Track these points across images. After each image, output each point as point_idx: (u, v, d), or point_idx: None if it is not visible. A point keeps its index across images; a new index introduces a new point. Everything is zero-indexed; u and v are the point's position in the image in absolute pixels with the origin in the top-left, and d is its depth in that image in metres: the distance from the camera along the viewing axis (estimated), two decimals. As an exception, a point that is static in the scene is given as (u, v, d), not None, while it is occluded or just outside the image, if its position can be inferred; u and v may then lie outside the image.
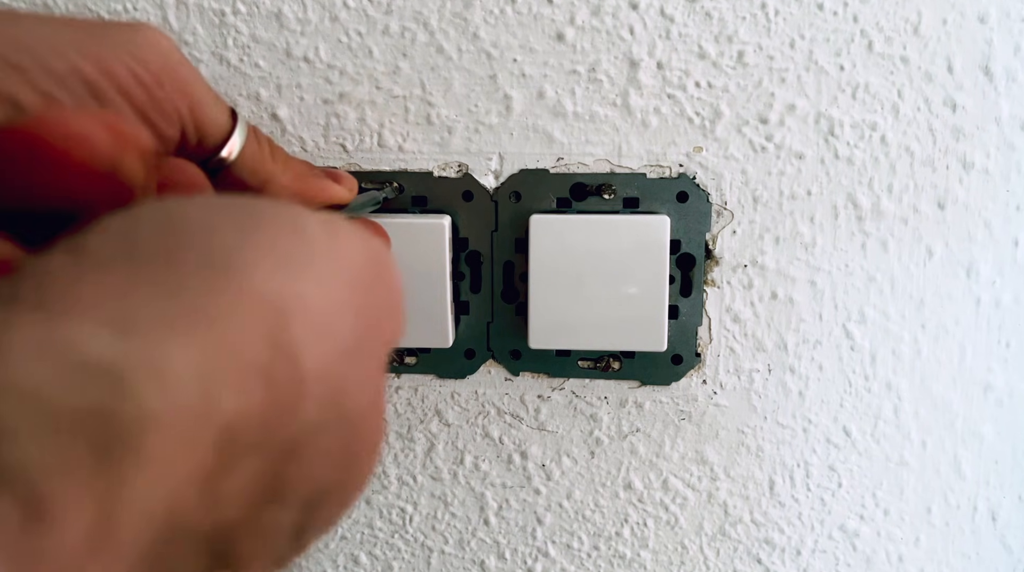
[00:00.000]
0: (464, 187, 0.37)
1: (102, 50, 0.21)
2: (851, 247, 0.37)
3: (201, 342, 0.13)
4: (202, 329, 0.13)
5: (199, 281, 0.14)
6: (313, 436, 0.15)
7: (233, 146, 0.26)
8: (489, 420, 0.40)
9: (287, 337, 0.15)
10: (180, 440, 0.12)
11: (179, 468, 0.13)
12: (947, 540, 0.41)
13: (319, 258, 0.16)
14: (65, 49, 0.21)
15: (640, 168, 0.36)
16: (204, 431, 0.13)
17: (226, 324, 0.14)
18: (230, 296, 0.14)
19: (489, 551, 0.43)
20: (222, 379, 0.13)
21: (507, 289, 0.38)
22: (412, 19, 0.35)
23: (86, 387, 0.12)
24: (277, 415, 0.14)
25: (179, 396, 0.12)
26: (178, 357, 0.13)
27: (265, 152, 0.27)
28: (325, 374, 0.15)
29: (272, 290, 0.15)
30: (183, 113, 0.24)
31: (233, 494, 0.14)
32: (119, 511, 0.12)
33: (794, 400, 0.39)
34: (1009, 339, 0.38)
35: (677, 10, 0.34)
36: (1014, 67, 0.34)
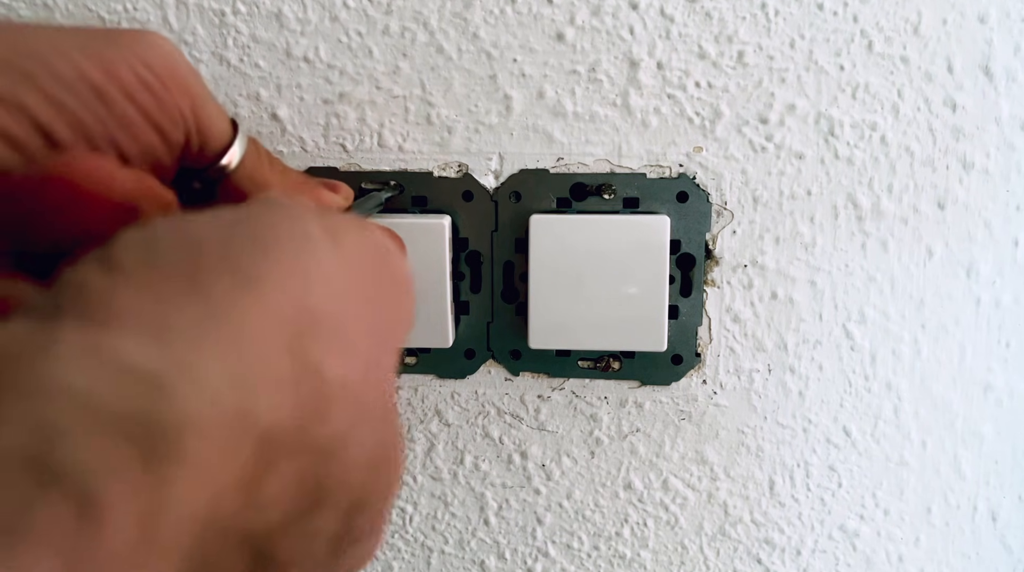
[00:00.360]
0: (464, 187, 0.37)
1: (108, 54, 0.22)
2: (851, 247, 0.37)
3: (232, 352, 0.14)
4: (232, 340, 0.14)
5: (224, 296, 0.15)
6: (344, 442, 0.16)
7: (234, 154, 0.26)
8: (489, 420, 0.40)
9: (308, 352, 0.15)
10: (220, 444, 0.13)
11: (220, 471, 0.13)
12: (947, 540, 0.41)
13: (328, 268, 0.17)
14: (71, 54, 0.21)
15: (640, 168, 0.36)
16: (243, 436, 0.13)
17: (252, 336, 0.14)
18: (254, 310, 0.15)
19: (489, 551, 0.43)
20: (255, 387, 0.14)
21: (507, 289, 0.38)
22: (412, 19, 0.35)
23: (131, 391, 0.12)
24: (308, 422, 0.15)
25: (217, 401, 0.13)
26: (214, 365, 0.13)
27: (264, 162, 0.28)
28: (346, 383, 0.16)
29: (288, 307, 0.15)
30: (187, 117, 0.24)
31: (274, 498, 0.14)
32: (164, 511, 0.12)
33: (794, 400, 0.39)
34: (1009, 339, 0.38)
35: (677, 10, 0.34)
36: (1014, 67, 0.34)
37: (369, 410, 0.17)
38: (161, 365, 0.13)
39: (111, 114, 0.22)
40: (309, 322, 0.16)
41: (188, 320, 0.14)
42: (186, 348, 0.13)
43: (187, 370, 0.13)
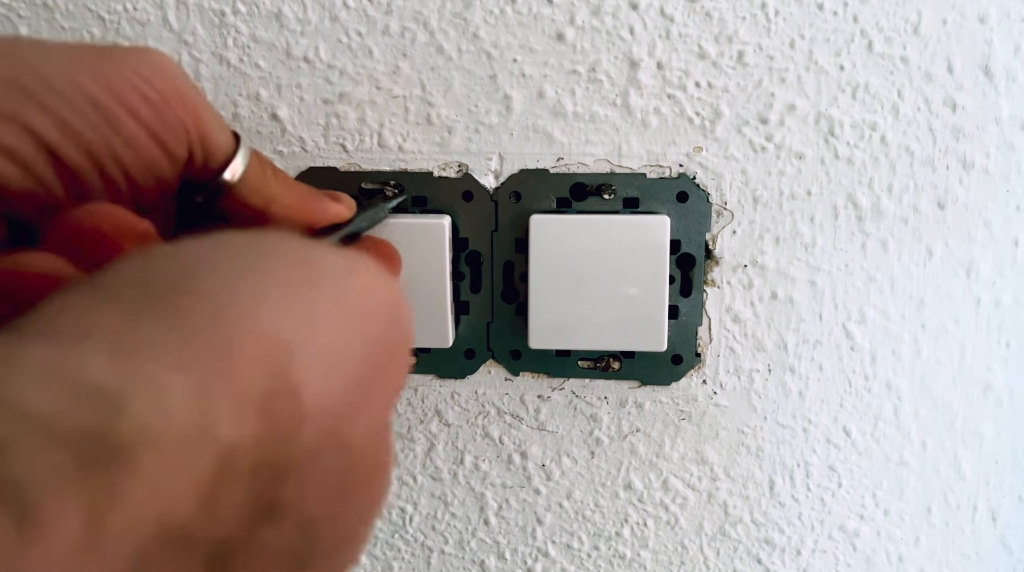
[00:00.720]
0: (464, 187, 0.37)
1: (110, 72, 0.22)
2: (851, 247, 0.37)
3: (200, 371, 0.14)
4: (202, 359, 0.14)
5: (202, 313, 0.15)
6: (308, 462, 0.16)
7: (236, 168, 0.26)
8: (489, 420, 0.40)
9: (289, 371, 0.15)
10: (176, 458, 0.13)
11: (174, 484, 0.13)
12: (947, 540, 0.41)
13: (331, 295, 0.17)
14: (74, 72, 0.21)
15: (640, 168, 0.36)
16: (201, 450, 0.14)
17: (226, 355, 0.14)
18: (232, 328, 0.15)
19: (489, 551, 0.43)
20: (220, 406, 0.14)
21: (507, 289, 0.38)
22: (412, 19, 0.35)
23: (84, 407, 0.13)
24: (274, 442, 0.15)
25: (175, 419, 0.13)
26: (176, 384, 0.14)
27: (268, 174, 0.28)
28: (325, 409, 0.16)
29: (277, 324, 0.15)
30: (191, 132, 0.24)
31: (230, 510, 0.15)
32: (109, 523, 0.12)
33: (794, 400, 0.39)
34: (1009, 339, 0.38)
35: (677, 10, 0.34)
36: (1014, 67, 0.34)
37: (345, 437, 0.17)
38: (118, 381, 0.13)
39: (114, 131, 0.22)
40: (296, 346, 0.15)
41: (158, 339, 0.14)
42: (149, 364, 0.13)
43: (146, 385, 0.13)
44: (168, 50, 0.36)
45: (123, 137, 0.22)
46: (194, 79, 0.37)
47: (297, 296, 0.16)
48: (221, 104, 0.37)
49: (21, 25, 0.37)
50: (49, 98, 0.21)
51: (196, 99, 0.24)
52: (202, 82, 0.37)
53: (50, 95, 0.21)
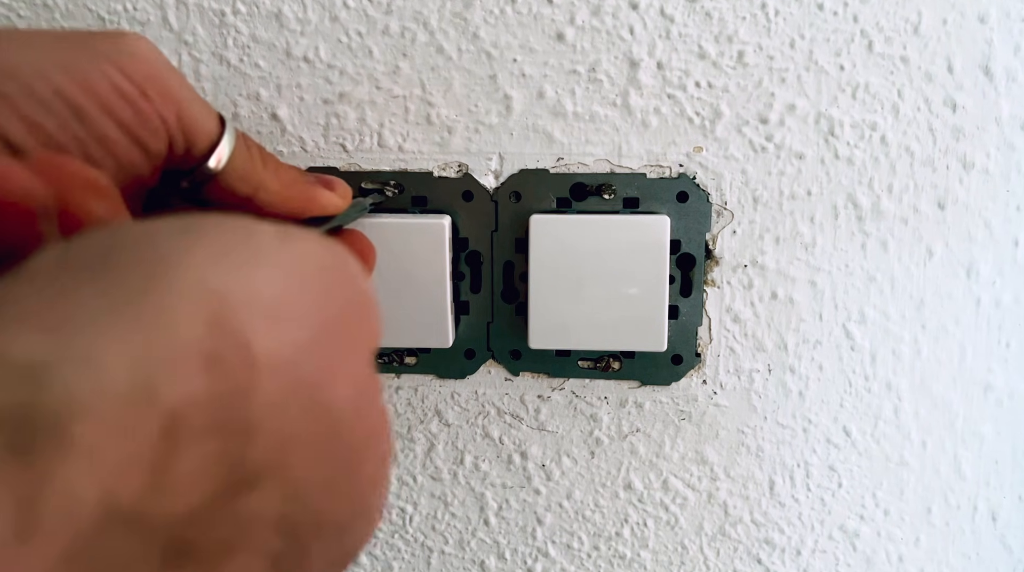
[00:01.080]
0: (464, 187, 0.37)
1: (84, 64, 0.21)
2: (851, 247, 0.37)
3: (134, 332, 0.13)
4: (135, 320, 0.13)
5: (134, 279, 0.14)
6: (276, 419, 0.15)
7: (222, 154, 0.25)
8: (489, 420, 0.40)
9: (233, 322, 0.14)
10: (114, 427, 0.12)
11: (115, 454, 0.12)
12: (947, 540, 0.41)
13: (267, 257, 0.16)
14: (48, 71, 0.20)
15: (640, 168, 0.36)
16: (142, 416, 0.13)
17: (161, 313, 0.14)
18: (166, 287, 0.14)
19: (489, 551, 0.43)
20: (159, 366, 0.13)
21: (507, 289, 0.38)
22: (412, 19, 0.35)
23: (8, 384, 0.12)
24: (228, 399, 0.14)
25: (110, 384, 0.12)
26: (108, 348, 0.13)
27: (255, 159, 0.27)
28: (284, 360, 0.15)
29: (213, 279, 0.15)
30: (170, 123, 0.23)
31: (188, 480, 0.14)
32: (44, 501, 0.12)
33: (794, 400, 0.39)
34: (1009, 339, 0.38)
35: (677, 10, 0.34)
36: (1014, 67, 0.34)
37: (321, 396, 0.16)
38: (44, 354, 0.12)
39: (89, 132, 0.21)
40: (239, 299, 0.15)
41: (87, 308, 0.13)
42: (79, 336, 0.13)
43: (75, 356, 0.12)
44: (168, 50, 0.36)
45: (98, 139, 0.21)
46: (175, 63, 0.37)
47: (236, 255, 0.15)
48: (221, 104, 0.37)
49: (21, 25, 0.37)
50: (20, 99, 0.20)
51: (175, 86, 0.23)
52: (202, 82, 0.37)
53: (22, 96, 0.20)
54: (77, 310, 0.13)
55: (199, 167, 0.25)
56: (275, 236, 0.17)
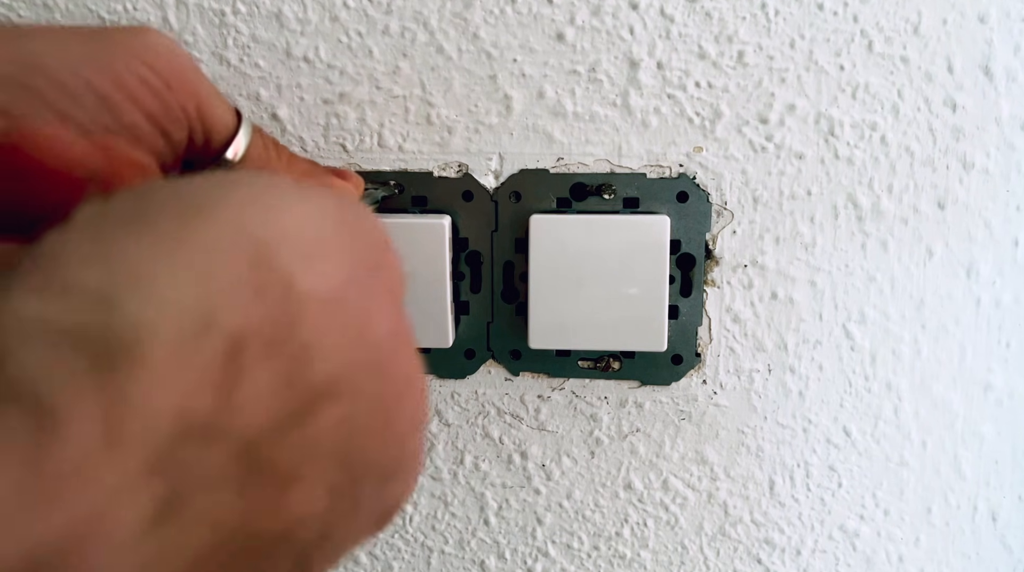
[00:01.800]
0: (464, 187, 0.37)
1: (112, 58, 0.22)
2: (851, 247, 0.37)
3: (188, 265, 0.14)
4: (186, 255, 0.14)
5: (174, 226, 0.15)
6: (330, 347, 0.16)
7: (238, 146, 0.26)
8: (489, 420, 0.40)
9: (275, 261, 0.15)
10: (181, 349, 0.13)
11: (185, 373, 0.13)
12: (947, 540, 0.41)
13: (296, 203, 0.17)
14: (77, 65, 0.21)
15: (640, 168, 0.36)
16: (206, 338, 0.14)
17: (206, 253, 0.15)
18: (206, 231, 0.15)
19: (489, 551, 0.43)
20: (215, 296, 0.14)
21: (507, 289, 0.38)
22: (412, 19, 0.35)
23: (80, 307, 0.13)
24: (282, 325, 0.15)
25: (173, 311, 0.14)
26: (164, 281, 0.14)
27: (270, 152, 0.28)
28: (326, 294, 0.16)
29: (250, 223, 0.16)
30: (191, 114, 0.24)
31: (255, 400, 0.15)
32: (125, 415, 0.13)
33: (794, 400, 0.39)
34: (1009, 339, 0.38)
35: (677, 10, 0.34)
36: (1014, 67, 0.34)
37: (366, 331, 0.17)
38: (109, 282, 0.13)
39: (117, 122, 0.22)
40: (276, 238, 0.16)
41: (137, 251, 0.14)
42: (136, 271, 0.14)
43: (137, 283, 0.13)
44: (168, 50, 0.36)
45: (124, 126, 0.22)
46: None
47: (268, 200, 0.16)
48: (221, 104, 0.37)
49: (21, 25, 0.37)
50: (51, 92, 0.21)
51: (196, 80, 0.24)
52: (202, 82, 0.37)
53: (53, 89, 0.21)
54: (128, 251, 0.14)
55: (217, 159, 0.26)
56: (298, 187, 0.18)
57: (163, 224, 0.15)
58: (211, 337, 0.14)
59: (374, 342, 0.17)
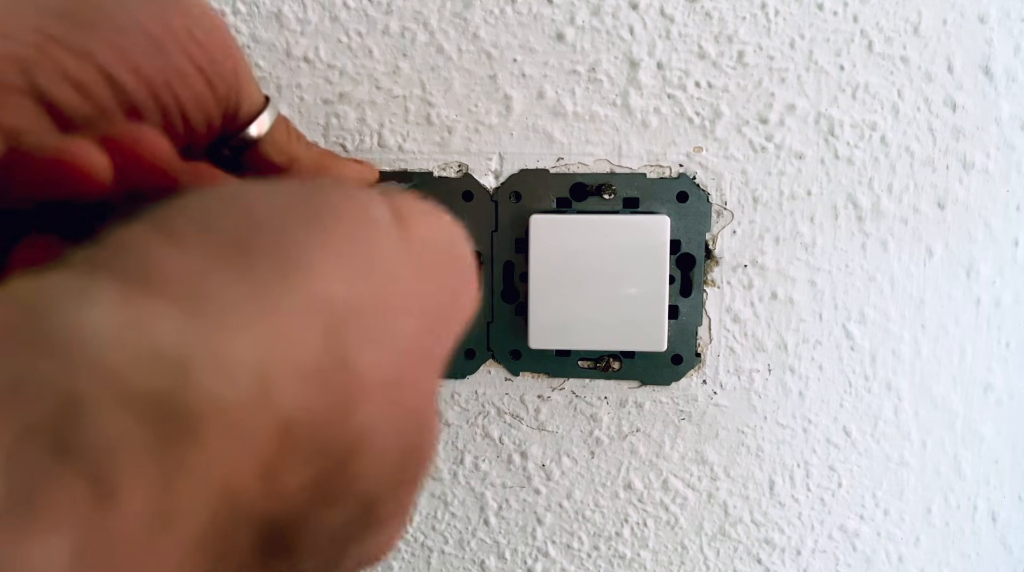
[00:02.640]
0: (464, 187, 0.37)
1: (163, 10, 0.22)
2: (851, 247, 0.37)
3: (264, 335, 0.14)
4: (266, 323, 0.14)
5: (268, 272, 0.14)
6: (369, 439, 0.16)
7: (263, 123, 0.27)
8: (489, 420, 0.40)
9: (343, 341, 0.15)
10: (239, 429, 0.13)
11: (238, 456, 0.13)
12: (947, 540, 0.41)
13: (388, 254, 0.16)
14: (130, 6, 0.22)
15: (640, 168, 0.36)
16: (264, 423, 0.13)
17: (287, 321, 0.14)
18: (294, 293, 0.14)
19: (489, 551, 0.43)
20: (280, 376, 0.14)
21: (507, 289, 0.38)
22: (412, 19, 0.35)
23: (157, 369, 0.12)
24: (333, 417, 0.15)
25: (240, 387, 0.13)
26: (245, 346, 0.13)
27: (291, 135, 0.28)
28: (381, 379, 0.16)
29: (333, 292, 0.15)
30: (229, 75, 0.24)
31: (291, 487, 0.14)
32: (180, 491, 0.12)
33: (794, 400, 0.39)
34: (1009, 339, 0.38)
35: (677, 10, 0.34)
36: (1014, 67, 0.34)
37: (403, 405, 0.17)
38: (191, 342, 0.13)
39: (169, 64, 0.22)
40: (352, 312, 0.15)
41: (228, 295, 0.14)
42: (220, 326, 0.13)
43: (216, 350, 0.13)
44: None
45: (176, 68, 0.22)
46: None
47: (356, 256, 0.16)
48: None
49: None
50: (107, 27, 0.21)
51: (234, 47, 0.25)
52: (202, 82, 0.37)
53: (108, 24, 0.21)
54: (215, 294, 0.14)
55: (242, 132, 0.26)
56: (394, 225, 0.17)
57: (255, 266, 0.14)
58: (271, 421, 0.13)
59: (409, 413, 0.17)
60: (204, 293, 0.13)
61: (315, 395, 0.14)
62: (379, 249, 0.16)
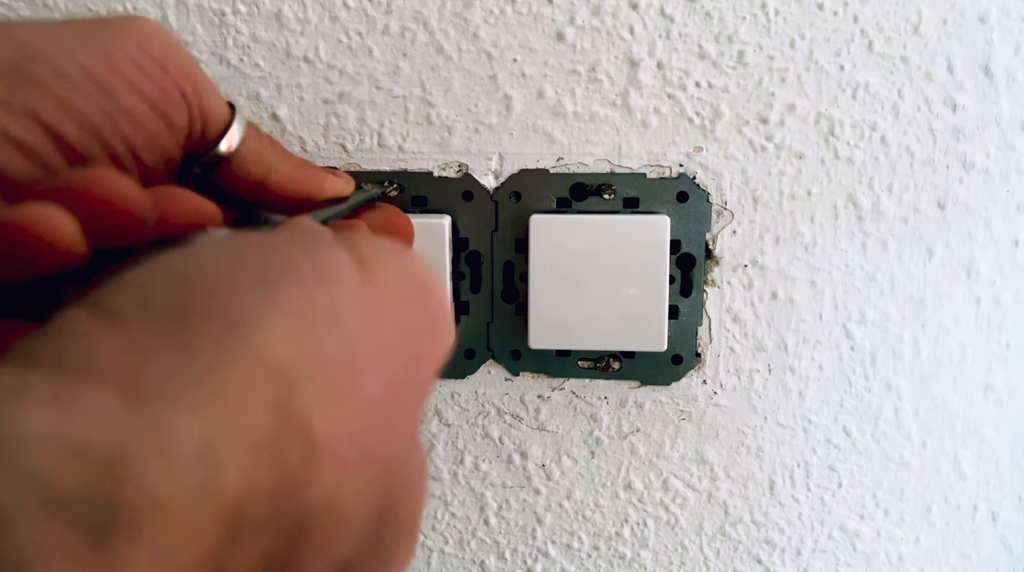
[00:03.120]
0: (464, 187, 0.37)
1: (107, 44, 0.22)
2: (851, 247, 0.37)
3: (208, 415, 0.13)
4: (210, 400, 0.13)
5: (212, 344, 0.14)
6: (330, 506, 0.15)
7: (233, 137, 0.26)
8: (489, 420, 0.40)
9: (297, 406, 0.14)
10: (182, 521, 0.12)
11: (182, 548, 0.12)
12: (947, 540, 0.41)
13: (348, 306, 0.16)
14: (72, 51, 0.21)
15: (640, 168, 0.36)
16: (208, 511, 0.13)
17: (235, 395, 0.13)
18: (241, 363, 0.14)
19: (489, 551, 0.43)
20: (227, 456, 0.13)
21: (507, 289, 0.38)
22: (412, 19, 0.35)
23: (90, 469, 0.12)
24: (287, 490, 0.14)
25: (182, 476, 0.12)
26: (184, 433, 0.13)
27: (264, 143, 0.27)
28: (342, 440, 0.15)
29: (285, 355, 0.14)
30: (189, 98, 0.24)
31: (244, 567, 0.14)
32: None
33: (794, 400, 0.39)
34: (1009, 339, 0.38)
35: (677, 10, 0.34)
36: (1014, 67, 0.34)
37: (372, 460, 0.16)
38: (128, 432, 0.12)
39: (117, 106, 0.21)
40: (307, 373, 0.14)
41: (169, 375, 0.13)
42: (160, 410, 0.13)
43: (156, 436, 0.12)
44: (168, 50, 0.36)
45: (125, 112, 0.22)
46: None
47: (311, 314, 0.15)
48: (221, 104, 0.37)
49: (21, 25, 0.37)
50: (50, 79, 0.20)
51: (192, 67, 0.24)
52: (202, 82, 0.37)
53: (51, 76, 0.20)
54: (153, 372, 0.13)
55: (214, 149, 0.25)
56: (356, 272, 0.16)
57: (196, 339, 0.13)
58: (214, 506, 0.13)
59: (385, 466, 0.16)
60: (143, 376, 0.13)
61: (267, 469, 0.13)
62: (337, 301, 0.16)
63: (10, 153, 0.19)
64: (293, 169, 0.28)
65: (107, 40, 0.22)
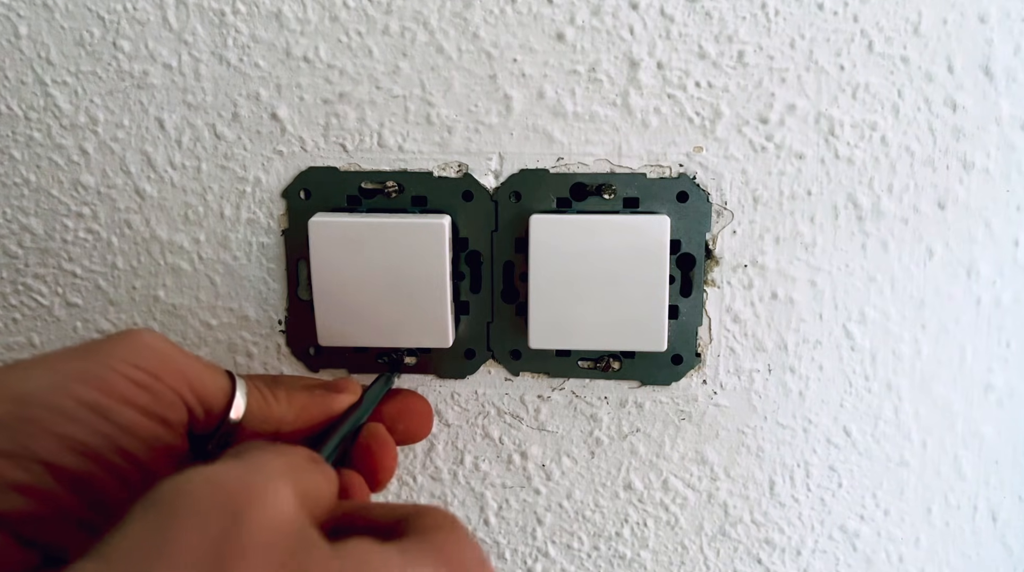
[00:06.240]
0: (464, 187, 0.37)
1: (99, 370, 0.23)
2: (851, 247, 0.37)
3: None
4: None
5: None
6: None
7: (239, 407, 0.27)
8: (489, 420, 0.40)
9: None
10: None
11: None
12: (947, 540, 0.41)
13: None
14: (67, 384, 0.22)
15: (640, 168, 0.36)
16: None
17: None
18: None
19: (489, 551, 0.43)
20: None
21: (507, 289, 0.38)
22: (412, 19, 0.35)
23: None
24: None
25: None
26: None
27: (268, 400, 0.29)
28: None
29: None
30: (186, 397, 0.25)
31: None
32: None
33: (794, 400, 0.39)
34: (1009, 339, 0.38)
35: (677, 10, 0.34)
36: (1014, 67, 0.34)
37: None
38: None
39: (114, 426, 0.23)
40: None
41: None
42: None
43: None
44: (167, 50, 0.36)
45: (123, 428, 0.23)
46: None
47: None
48: (221, 104, 0.37)
49: (21, 25, 0.37)
50: (48, 419, 0.21)
51: (184, 362, 0.25)
52: (202, 82, 0.37)
53: (48, 416, 0.21)
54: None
55: (221, 425, 0.27)
56: None
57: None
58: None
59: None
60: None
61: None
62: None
63: (15, 499, 0.20)
64: (299, 416, 0.29)
65: (100, 363, 0.23)
